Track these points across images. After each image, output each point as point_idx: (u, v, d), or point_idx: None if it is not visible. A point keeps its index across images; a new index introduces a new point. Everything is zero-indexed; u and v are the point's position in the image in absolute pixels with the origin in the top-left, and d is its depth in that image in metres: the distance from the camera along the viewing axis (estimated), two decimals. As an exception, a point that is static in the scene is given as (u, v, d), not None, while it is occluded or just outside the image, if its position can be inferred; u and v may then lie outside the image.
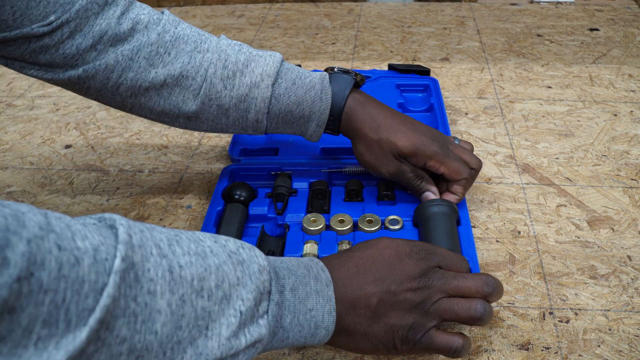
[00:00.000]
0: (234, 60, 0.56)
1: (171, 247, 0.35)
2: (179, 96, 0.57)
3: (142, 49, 0.54)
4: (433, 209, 0.60)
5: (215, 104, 0.57)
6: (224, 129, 0.60)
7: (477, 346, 0.53)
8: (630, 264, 0.60)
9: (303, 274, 0.42)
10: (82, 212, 0.72)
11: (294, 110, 0.58)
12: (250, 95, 0.57)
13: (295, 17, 1.23)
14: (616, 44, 1.04)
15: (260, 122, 0.59)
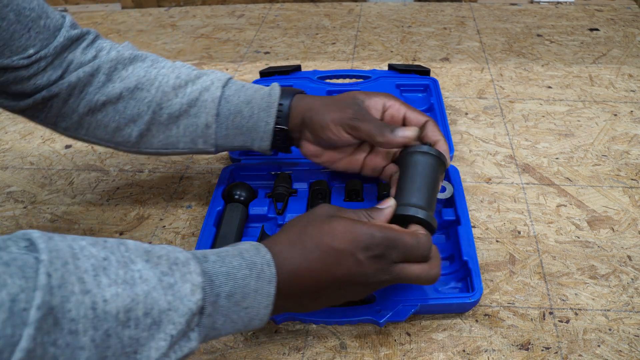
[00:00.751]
0: (186, 73, 0.58)
1: (97, 277, 0.34)
2: (134, 109, 0.57)
3: (102, 66, 0.56)
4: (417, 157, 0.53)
5: (166, 113, 0.57)
6: (175, 143, 0.58)
7: (477, 346, 0.53)
8: (630, 264, 0.60)
9: (244, 275, 0.41)
10: (82, 212, 0.72)
11: (243, 110, 0.57)
12: (200, 98, 0.57)
13: (295, 17, 1.23)
14: (616, 44, 1.04)
15: (210, 126, 0.57)
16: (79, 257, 0.34)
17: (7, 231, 0.70)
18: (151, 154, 0.60)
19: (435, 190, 0.53)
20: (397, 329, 0.55)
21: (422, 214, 0.50)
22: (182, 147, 0.59)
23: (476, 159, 0.76)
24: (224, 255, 0.42)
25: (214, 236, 0.62)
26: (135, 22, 1.26)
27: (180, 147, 0.59)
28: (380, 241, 0.44)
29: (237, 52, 1.09)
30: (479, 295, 0.54)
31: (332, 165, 0.60)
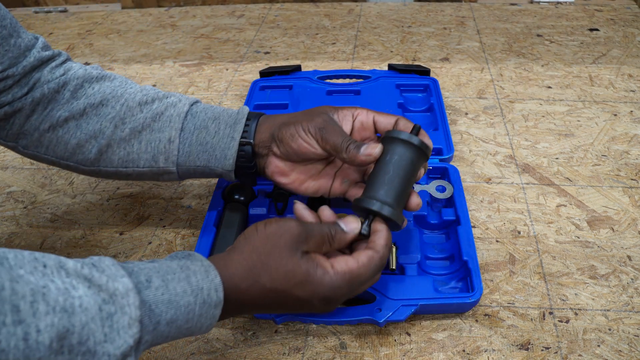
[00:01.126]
0: (154, 92, 0.57)
1: (34, 305, 0.32)
2: (96, 125, 0.55)
3: (68, 83, 0.55)
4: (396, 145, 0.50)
5: (129, 127, 0.54)
6: (136, 161, 0.55)
7: (477, 346, 0.53)
8: (630, 264, 0.60)
9: (187, 302, 0.40)
10: (82, 212, 0.72)
11: (209, 126, 0.55)
12: (165, 113, 0.55)
13: (295, 17, 1.23)
14: (616, 44, 1.04)
15: (173, 141, 0.54)
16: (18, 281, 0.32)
17: (7, 231, 0.70)
18: (110, 175, 0.57)
19: (411, 182, 0.50)
20: (397, 329, 0.55)
21: (387, 211, 0.48)
22: (142, 165, 0.56)
23: (476, 159, 0.76)
24: (170, 280, 0.40)
25: (214, 236, 0.62)
26: (135, 22, 1.26)
27: (140, 164, 0.56)
28: (341, 293, 0.45)
29: (237, 52, 1.09)
30: (479, 295, 0.54)
31: (300, 186, 0.56)
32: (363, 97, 0.84)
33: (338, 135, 0.51)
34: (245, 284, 0.43)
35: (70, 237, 0.68)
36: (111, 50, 1.13)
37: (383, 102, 0.83)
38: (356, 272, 0.46)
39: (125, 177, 0.57)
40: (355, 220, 0.49)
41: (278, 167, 0.55)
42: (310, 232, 0.46)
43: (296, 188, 0.56)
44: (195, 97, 0.58)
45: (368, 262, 0.46)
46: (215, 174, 0.56)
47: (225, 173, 0.56)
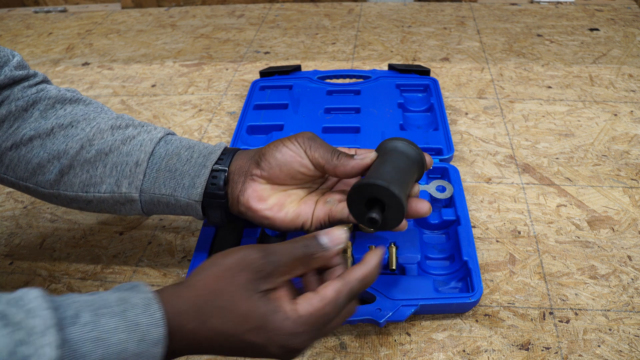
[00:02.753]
0: (131, 120, 0.54)
1: None
2: (61, 145, 0.51)
3: (38, 102, 0.52)
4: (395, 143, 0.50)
5: (95, 149, 0.51)
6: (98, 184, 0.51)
7: (477, 346, 0.53)
8: (630, 264, 0.60)
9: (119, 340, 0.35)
10: (82, 212, 0.72)
11: (182, 153, 0.51)
12: (137, 137, 0.51)
13: (295, 17, 1.23)
14: (616, 44, 1.04)
15: (140, 164, 0.50)
16: None
17: (7, 231, 0.70)
18: (69, 201, 0.53)
19: (411, 179, 0.48)
20: (397, 329, 0.55)
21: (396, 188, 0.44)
22: (104, 190, 0.51)
23: (476, 159, 0.76)
24: (102, 314, 0.36)
25: (213, 236, 0.62)
26: (135, 22, 1.26)
27: (102, 189, 0.51)
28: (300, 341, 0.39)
29: (237, 52, 1.09)
30: (479, 295, 0.54)
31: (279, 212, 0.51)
32: (363, 97, 0.84)
33: (327, 147, 0.50)
34: (193, 324, 0.38)
35: (70, 237, 0.68)
36: (111, 50, 1.13)
37: (383, 102, 0.83)
38: (321, 311, 0.40)
39: (85, 204, 0.53)
40: (340, 230, 0.43)
41: (256, 191, 0.51)
42: (275, 265, 0.40)
43: (274, 215, 0.51)
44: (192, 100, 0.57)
45: (335, 298, 0.40)
46: (180, 205, 0.52)
47: (191, 204, 0.51)
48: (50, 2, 1.38)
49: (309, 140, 0.50)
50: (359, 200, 0.46)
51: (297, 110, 0.82)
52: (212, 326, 0.39)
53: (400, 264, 0.58)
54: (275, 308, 0.39)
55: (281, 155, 0.50)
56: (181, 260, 0.64)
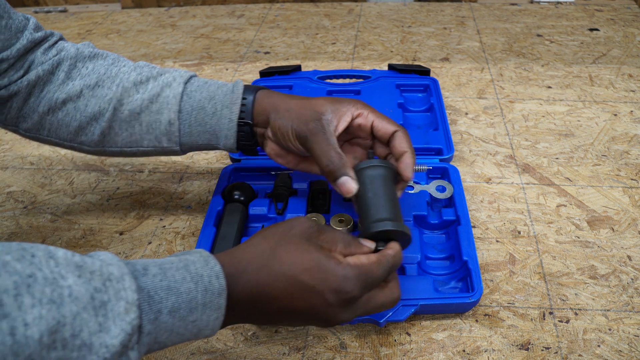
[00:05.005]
0: (148, 70, 0.57)
1: (18, 298, 0.30)
2: (95, 107, 0.55)
3: (62, 63, 0.56)
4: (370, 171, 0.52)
5: (127, 109, 0.55)
6: (139, 141, 0.57)
7: (477, 346, 0.53)
8: (630, 263, 0.60)
9: (188, 289, 0.38)
10: (82, 212, 0.72)
11: (206, 106, 0.56)
12: (162, 94, 0.55)
13: (295, 17, 1.23)
14: (616, 44, 1.04)
15: (173, 123, 0.55)
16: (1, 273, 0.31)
17: (7, 231, 0.70)
18: (116, 154, 0.58)
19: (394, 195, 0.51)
20: (397, 329, 0.55)
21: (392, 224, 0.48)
22: (146, 145, 0.57)
23: (476, 159, 0.76)
24: (167, 268, 0.39)
25: (214, 236, 0.62)
26: (135, 22, 1.26)
27: (144, 144, 0.57)
28: (352, 286, 0.42)
29: (237, 52, 1.09)
30: (479, 295, 0.54)
31: (297, 166, 0.58)
32: (363, 97, 0.84)
33: (323, 153, 0.51)
34: (253, 266, 0.41)
35: (70, 237, 0.68)
36: (111, 50, 1.13)
37: (383, 102, 0.83)
38: (368, 267, 0.43)
39: (131, 155, 0.58)
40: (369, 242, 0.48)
41: (274, 149, 0.57)
42: (323, 230, 0.45)
43: (294, 167, 0.58)
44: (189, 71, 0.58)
45: (378, 260, 0.44)
46: (219, 149, 0.58)
47: (228, 149, 0.58)
48: (51, 2, 1.38)
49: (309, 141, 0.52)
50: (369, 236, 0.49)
51: (297, 110, 0.82)
52: (271, 268, 0.41)
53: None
54: (328, 254, 0.43)
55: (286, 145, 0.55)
56: (181, 260, 0.64)
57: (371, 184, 0.51)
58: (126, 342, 0.34)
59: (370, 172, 0.51)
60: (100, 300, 0.34)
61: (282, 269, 0.41)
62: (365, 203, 0.50)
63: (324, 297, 0.42)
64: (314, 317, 0.43)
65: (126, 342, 0.34)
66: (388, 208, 0.49)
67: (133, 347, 0.35)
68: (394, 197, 0.51)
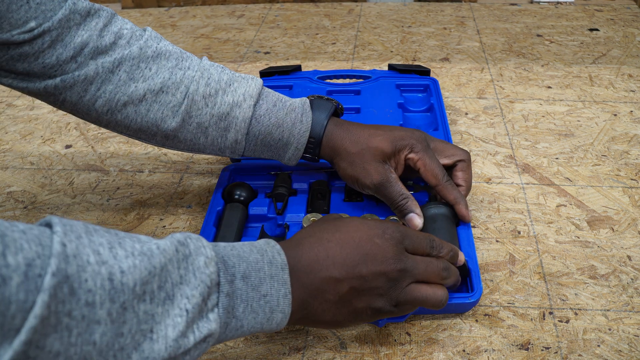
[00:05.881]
0: (216, 79, 0.56)
1: (112, 250, 0.33)
2: (158, 113, 0.55)
3: (123, 62, 0.53)
4: (433, 210, 0.60)
5: (195, 122, 0.56)
6: (201, 150, 0.59)
7: (477, 346, 0.53)
8: (630, 263, 0.60)
9: (256, 259, 0.41)
10: (82, 212, 0.72)
11: (273, 132, 0.58)
12: (231, 114, 0.56)
13: (295, 17, 1.23)
14: (616, 44, 1.04)
15: (240, 143, 0.58)
16: (93, 234, 0.33)
17: (7, 231, 0.70)
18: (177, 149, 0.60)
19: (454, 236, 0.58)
20: (397, 329, 0.55)
21: None
22: (207, 153, 0.60)
23: (476, 159, 0.76)
24: (233, 245, 0.42)
25: (214, 236, 0.62)
26: (136, 22, 1.26)
27: (207, 152, 0.60)
28: (394, 229, 0.46)
29: (237, 52, 1.09)
30: (478, 295, 0.54)
31: None
32: (363, 97, 0.84)
33: (391, 200, 0.59)
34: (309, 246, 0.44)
35: (70, 237, 0.68)
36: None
37: (383, 102, 0.83)
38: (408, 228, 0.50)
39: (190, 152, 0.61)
40: None
41: None
42: None
43: None
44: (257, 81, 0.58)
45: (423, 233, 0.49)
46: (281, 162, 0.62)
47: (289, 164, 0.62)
48: (51, 2, 1.38)
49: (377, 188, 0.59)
50: None
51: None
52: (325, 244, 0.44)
53: (400, 264, 0.58)
54: None
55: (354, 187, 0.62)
56: (181, 260, 0.64)
57: (433, 222, 0.59)
58: (205, 295, 0.36)
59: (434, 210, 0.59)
60: (183, 254, 0.37)
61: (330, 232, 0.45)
62: None
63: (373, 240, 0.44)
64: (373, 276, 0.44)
65: (205, 296, 0.36)
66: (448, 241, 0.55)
67: (212, 309, 0.37)
68: (453, 233, 0.58)
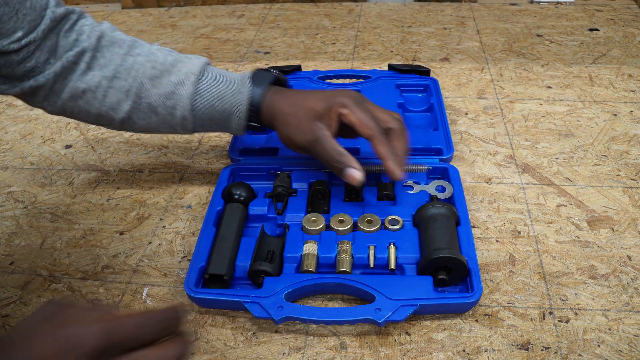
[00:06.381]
0: (162, 62, 0.60)
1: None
2: (113, 98, 0.60)
3: (84, 54, 0.58)
4: (433, 210, 0.60)
5: (145, 103, 0.60)
6: (156, 129, 0.63)
7: (477, 346, 0.53)
8: (630, 263, 0.60)
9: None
10: (82, 212, 0.72)
11: (216, 105, 0.60)
12: (176, 92, 0.60)
13: (295, 17, 1.23)
14: (616, 44, 1.04)
15: (187, 119, 0.61)
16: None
17: (7, 231, 0.70)
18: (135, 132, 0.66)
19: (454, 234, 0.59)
20: (397, 329, 0.55)
21: (445, 252, 0.55)
22: (162, 131, 0.64)
23: (476, 159, 0.76)
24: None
25: (214, 236, 0.62)
26: (136, 22, 1.26)
27: (161, 131, 0.63)
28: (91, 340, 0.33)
29: (237, 52, 1.09)
30: (478, 295, 0.54)
31: None
32: (363, 97, 0.84)
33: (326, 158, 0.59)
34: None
35: (70, 237, 0.68)
36: (111, 50, 1.13)
37: (383, 102, 0.83)
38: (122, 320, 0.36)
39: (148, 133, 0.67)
40: None
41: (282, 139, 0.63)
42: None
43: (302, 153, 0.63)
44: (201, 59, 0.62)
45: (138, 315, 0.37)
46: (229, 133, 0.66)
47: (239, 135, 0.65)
48: (51, 2, 1.38)
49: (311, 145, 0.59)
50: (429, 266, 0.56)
51: (297, 110, 0.82)
52: None
53: (399, 264, 0.58)
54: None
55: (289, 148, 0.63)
56: (181, 260, 0.64)
57: (433, 222, 0.59)
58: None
59: (434, 210, 0.60)
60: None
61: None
62: (426, 237, 0.58)
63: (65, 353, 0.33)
64: None
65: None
66: (447, 240, 0.57)
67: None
68: (452, 233, 0.58)
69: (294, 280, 0.56)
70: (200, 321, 0.57)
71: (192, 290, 0.56)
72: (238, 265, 0.59)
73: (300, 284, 0.56)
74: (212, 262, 0.58)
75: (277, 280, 0.56)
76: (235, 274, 0.59)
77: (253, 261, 0.58)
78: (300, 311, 0.53)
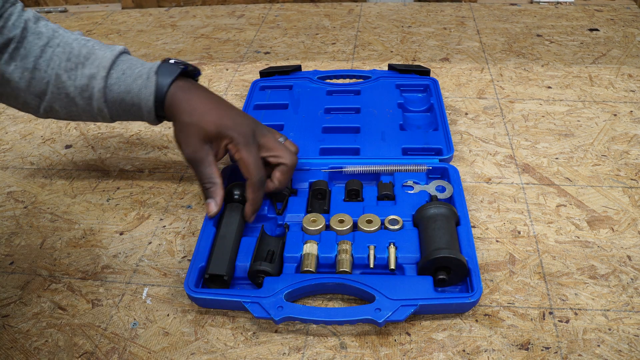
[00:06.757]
0: (76, 53, 0.61)
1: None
2: (36, 88, 0.61)
3: (9, 44, 0.59)
4: (433, 210, 0.60)
5: (64, 93, 0.61)
6: (79, 117, 0.64)
7: (477, 346, 0.53)
8: (630, 263, 0.60)
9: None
10: (82, 212, 0.72)
11: (125, 98, 0.62)
12: (90, 85, 0.61)
13: (295, 17, 1.23)
14: (616, 44, 1.04)
15: (103, 110, 0.62)
16: None
17: (7, 231, 0.70)
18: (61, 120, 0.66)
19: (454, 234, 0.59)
20: (397, 329, 0.55)
21: (445, 252, 0.55)
22: (85, 119, 0.65)
23: (476, 159, 0.76)
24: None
25: (214, 236, 0.62)
26: (136, 22, 1.26)
27: (83, 118, 0.65)
28: None
29: (237, 52, 1.09)
30: (478, 295, 0.54)
31: None
32: (363, 97, 0.84)
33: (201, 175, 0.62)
34: None
35: (70, 237, 0.68)
36: (111, 50, 1.13)
37: (383, 102, 0.83)
38: None
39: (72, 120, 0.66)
40: None
41: None
42: None
43: None
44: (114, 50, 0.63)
45: None
46: None
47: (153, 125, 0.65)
48: (51, 2, 1.38)
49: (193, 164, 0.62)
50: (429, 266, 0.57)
51: (297, 110, 0.82)
52: None
53: (399, 264, 0.58)
54: None
55: None
56: (181, 260, 0.64)
57: (433, 222, 0.59)
58: None
59: (434, 210, 0.61)
60: None
61: None
62: (426, 237, 0.59)
63: None
64: None
65: None
66: (446, 240, 0.57)
67: None
68: (452, 233, 0.59)
69: (294, 280, 0.56)
70: (200, 321, 0.57)
71: (192, 290, 0.56)
72: (238, 265, 0.59)
73: (300, 284, 0.56)
74: (212, 262, 0.58)
75: (277, 280, 0.56)
76: (235, 274, 0.59)
77: (253, 261, 0.58)
78: (300, 311, 0.53)
